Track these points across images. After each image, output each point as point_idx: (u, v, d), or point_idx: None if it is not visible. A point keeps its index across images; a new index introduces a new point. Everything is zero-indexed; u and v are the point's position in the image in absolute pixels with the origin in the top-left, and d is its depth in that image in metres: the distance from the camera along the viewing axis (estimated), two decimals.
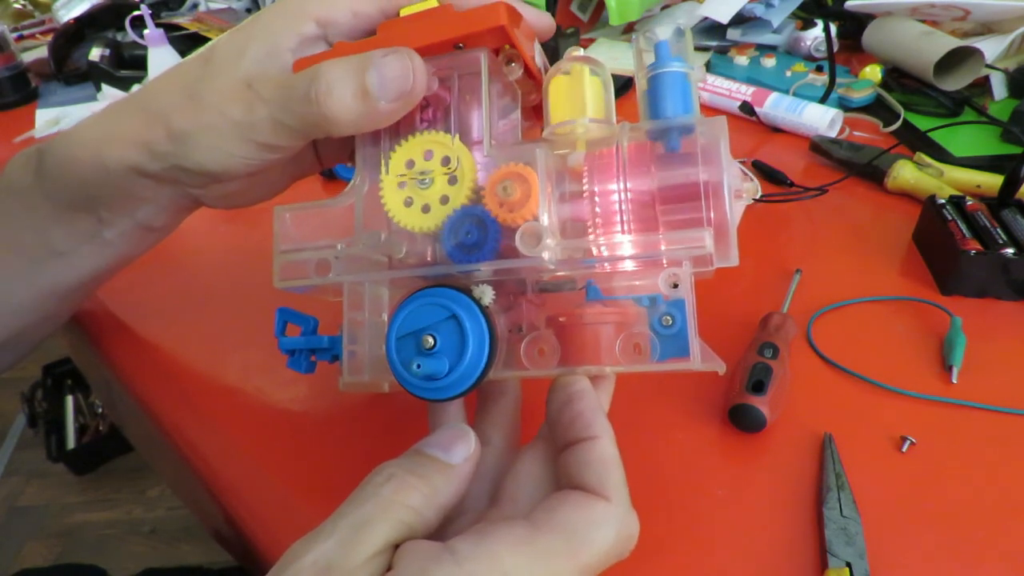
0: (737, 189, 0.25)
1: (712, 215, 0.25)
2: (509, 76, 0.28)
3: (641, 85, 0.27)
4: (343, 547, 0.20)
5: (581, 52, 0.27)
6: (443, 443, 0.24)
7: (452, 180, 0.27)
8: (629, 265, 0.27)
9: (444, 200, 0.27)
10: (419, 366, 0.25)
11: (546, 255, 0.25)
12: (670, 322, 0.26)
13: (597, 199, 0.27)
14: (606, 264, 0.27)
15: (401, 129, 0.29)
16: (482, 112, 0.27)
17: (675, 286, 0.26)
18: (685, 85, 0.26)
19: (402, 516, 0.22)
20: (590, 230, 0.27)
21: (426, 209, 0.27)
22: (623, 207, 0.26)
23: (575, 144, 0.27)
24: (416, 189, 0.27)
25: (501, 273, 0.27)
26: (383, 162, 0.28)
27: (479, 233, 0.26)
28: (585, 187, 0.27)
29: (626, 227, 0.26)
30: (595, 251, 0.26)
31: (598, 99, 0.27)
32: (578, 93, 0.26)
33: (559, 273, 0.28)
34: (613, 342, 0.27)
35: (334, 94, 0.26)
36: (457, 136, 0.27)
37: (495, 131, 0.28)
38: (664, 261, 0.26)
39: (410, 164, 0.27)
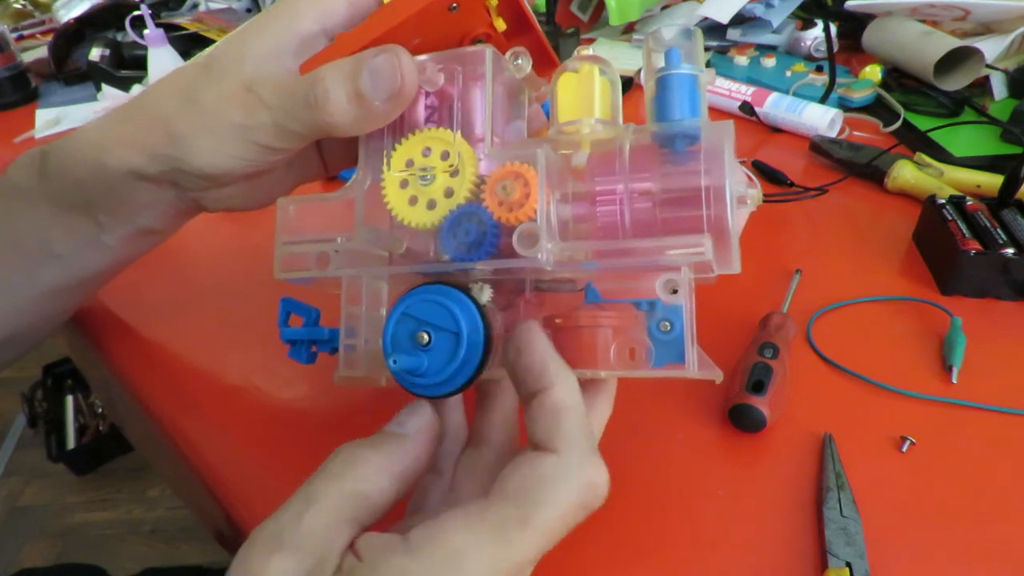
0: (740, 195, 0.24)
1: (713, 221, 0.24)
2: (516, 73, 0.28)
3: (649, 87, 0.27)
4: (293, 520, 0.21)
5: (590, 51, 0.27)
6: (399, 419, 0.25)
7: (454, 173, 0.27)
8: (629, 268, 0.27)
9: (448, 193, 0.27)
10: (408, 363, 0.25)
11: (542, 256, 0.24)
12: (668, 328, 0.26)
13: (598, 200, 0.27)
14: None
15: (403, 126, 0.29)
16: (485, 108, 0.27)
17: (674, 291, 0.25)
18: (693, 88, 0.26)
19: (353, 486, 0.22)
20: (590, 232, 0.27)
21: (431, 205, 0.27)
22: (624, 209, 0.26)
23: (580, 144, 0.27)
24: (419, 186, 0.27)
25: (499, 272, 0.27)
26: (385, 159, 0.28)
27: (478, 232, 0.26)
28: (587, 188, 0.27)
29: (626, 230, 0.26)
30: (594, 254, 0.26)
31: (606, 100, 0.27)
32: (587, 93, 0.26)
33: (559, 274, 0.28)
34: (609, 346, 0.26)
35: (331, 99, 0.26)
36: (459, 132, 0.27)
37: (499, 128, 0.28)
38: (663, 266, 0.25)
39: (410, 163, 0.27)
